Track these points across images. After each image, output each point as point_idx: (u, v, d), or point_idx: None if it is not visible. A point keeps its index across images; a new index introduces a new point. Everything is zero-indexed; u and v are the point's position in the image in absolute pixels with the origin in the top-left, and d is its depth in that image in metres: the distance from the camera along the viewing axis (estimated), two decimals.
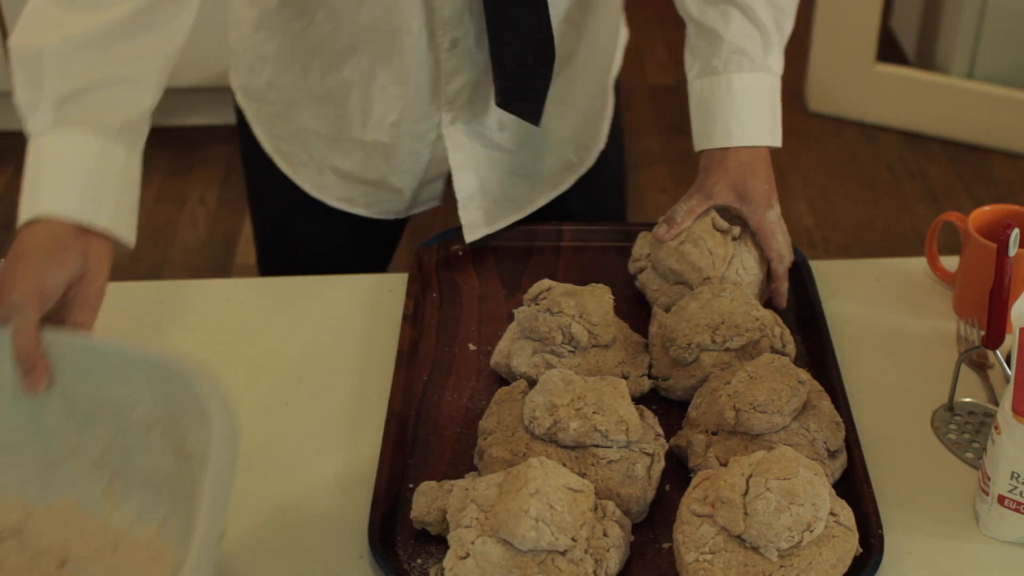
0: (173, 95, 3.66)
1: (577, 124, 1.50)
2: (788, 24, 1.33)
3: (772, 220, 1.30)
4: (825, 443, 1.09)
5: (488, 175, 1.43)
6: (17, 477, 1.00)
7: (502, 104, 1.33)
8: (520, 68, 1.29)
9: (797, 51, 3.60)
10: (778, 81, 1.33)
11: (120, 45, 1.09)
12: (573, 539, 0.97)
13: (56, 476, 1.01)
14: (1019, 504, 1.05)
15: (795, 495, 0.97)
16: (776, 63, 1.33)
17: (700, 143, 1.32)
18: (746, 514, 0.97)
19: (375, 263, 1.59)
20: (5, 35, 3.06)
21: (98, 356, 0.99)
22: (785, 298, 1.32)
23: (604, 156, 1.55)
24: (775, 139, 1.32)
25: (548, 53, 1.29)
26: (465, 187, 1.41)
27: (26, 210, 1.05)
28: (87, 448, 1.00)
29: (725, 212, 1.32)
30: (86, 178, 1.07)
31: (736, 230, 1.30)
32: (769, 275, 1.32)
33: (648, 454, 1.08)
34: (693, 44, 1.34)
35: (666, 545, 1.05)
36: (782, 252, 1.30)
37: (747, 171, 1.29)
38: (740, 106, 1.29)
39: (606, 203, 1.60)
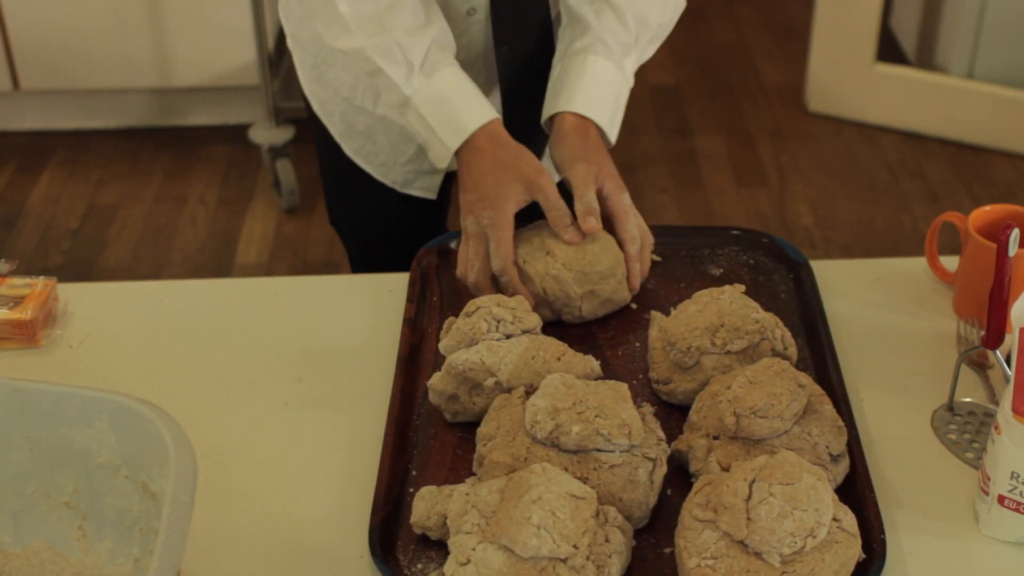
0: (173, 95, 3.67)
1: None
2: (649, 49, 1.43)
3: (627, 204, 1.33)
4: (827, 447, 1.09)
5: None
6: None
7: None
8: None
9: (797, 51, 3.61)
10: (626, 85, 1.40)
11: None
12: (575, 546, 0.97)
13: (29, 520, 1.03)
14: (1019, 504, 1.05)
15: (798, 500, 0.97)
16: (629, 67, 1.40)
17: (545, 112, 1.38)
18: (749, 519, 0.97)
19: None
20: (5, 35, 3.06)
21: (60, 401, 1.00)
22: (638, 279, 1.32)
23: None
24: (610, 127, 1.37)
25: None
26: None
27: (460, 129, 1.32)
28: (57, 491, 1.03)
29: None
30: (476, 92, 1.35)
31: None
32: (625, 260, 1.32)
33: (650, 459, 1.08)
34: (562, 31, 1.43)
35: (668, 550, 1.05)
36: (634, 234, 1.32)
37: (590, 145, 1.33)
38: (588, 81, 1.35)
39: None
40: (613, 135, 1.38)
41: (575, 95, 1.35)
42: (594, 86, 1.35)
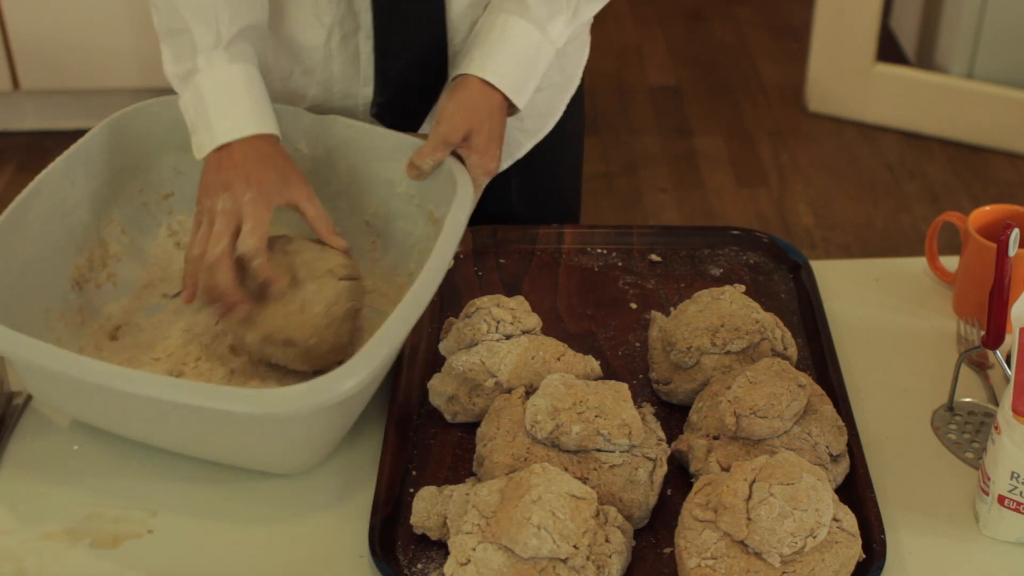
0: (174, 95, 3.64)
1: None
2: (587, 7, 1.33)
3: (480, 185, 1.27)
4: (827, 448, 1.09)
5: None
6: (307, 232, 1.24)
7: (376, 115, 1.38)
8: (404, 83, 1.36)
9: (797, 51, 3.61)
10: (547, 47, 1.31)
11: None
12: (575, 546, 0.97)
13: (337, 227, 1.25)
14: (1019, 504, 1.05)
15: (798, 500, 0.97)
16: (556, 30, 1.30)
17: (452, 75, 1.31)
18: (749, 519, 0.97)
19: None
20: (5, 35, 3.06)
21: (376, 139, 1.29)
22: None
23: (554, 151, 1.51)
24: (517, 94, 1.29)
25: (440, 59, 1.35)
26: None
27: (238, 127, 1.21)
28: (361, 209, 1.32)
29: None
30: (267, 100, 1.26)
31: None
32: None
33: (650, 459, 1.08)
34: None
35: (668, 550, 1.05)
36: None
37: (481, 112, 1.26)
38: (500, 44, 1.28)
39: (551, 203, 1.58)
40: (521, 101, 1.29)
41: (486, 60, 1.27)
42: (506, 49, 1.28)
